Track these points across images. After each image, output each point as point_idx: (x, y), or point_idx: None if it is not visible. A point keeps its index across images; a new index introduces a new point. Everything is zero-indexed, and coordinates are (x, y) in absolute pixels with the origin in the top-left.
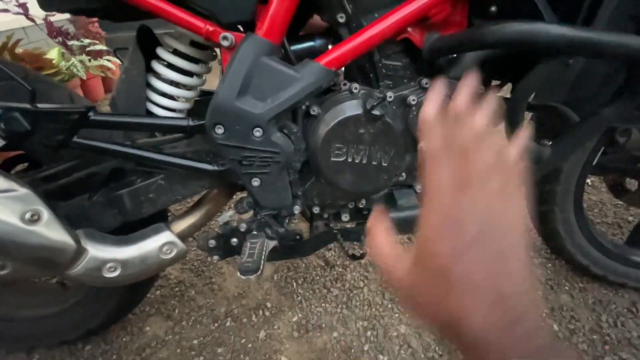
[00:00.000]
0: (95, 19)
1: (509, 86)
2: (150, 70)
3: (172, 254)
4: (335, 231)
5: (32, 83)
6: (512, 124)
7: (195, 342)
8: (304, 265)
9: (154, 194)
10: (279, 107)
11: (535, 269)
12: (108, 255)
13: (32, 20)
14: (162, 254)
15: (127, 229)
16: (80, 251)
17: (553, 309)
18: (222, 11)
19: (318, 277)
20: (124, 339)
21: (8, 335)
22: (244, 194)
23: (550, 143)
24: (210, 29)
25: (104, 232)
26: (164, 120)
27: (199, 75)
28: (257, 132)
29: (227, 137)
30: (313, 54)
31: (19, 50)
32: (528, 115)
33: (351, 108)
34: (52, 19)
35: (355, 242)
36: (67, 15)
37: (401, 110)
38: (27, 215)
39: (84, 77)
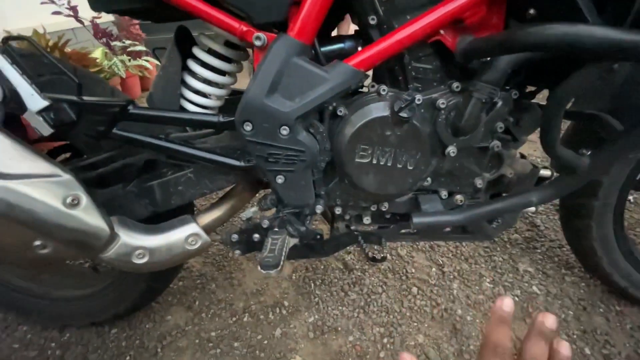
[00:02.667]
0: (137, 22)
1: (545, 92)
2: (185, 68)
3: (197, 245)
4: (356, 233)
5: (79, 78)
6: (549, 132)
7: (213, 334)
8: (322, 266)
9: (183, 186)
10: (306, 107)
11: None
12: (138, 243)
13: (80, 22)
14: (187, 245)
15: (156, 219)
16: (113, 237)
17: (585, 331)
18: (256, 12)
19: (336, 280)
20: (147, 326)
21: (44, 313)
22: (268, 192)
23: (589, 153)
24: (245, 29)
25: (135, 221)
26: (196, 116)
27: (231, 74)
28: (284, 130)
29: (255, 134)
30: (342, 55)
31: (67, 49)
32: (566, 123)
33: (378, 110)
34: (98, 21)
35: (375, 245)
36: (111, 18)
37: (429, 114)
38: (68, 200)
39: (124, 76)
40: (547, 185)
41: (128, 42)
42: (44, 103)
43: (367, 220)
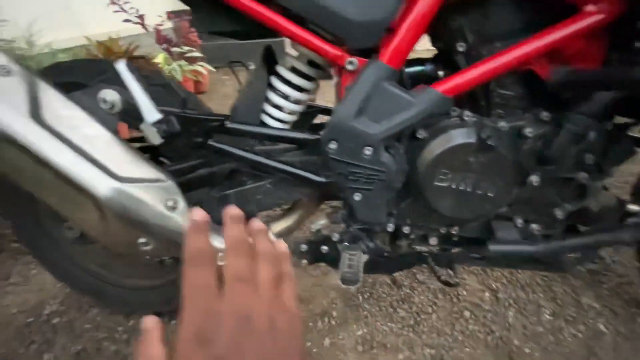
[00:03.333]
0: (194, 30)
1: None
2: (268, 85)
3: None
4: (425, 254)
5: (176, 90)
6: None
7: None
8: (370, 280)
9: (261, 195)
10: (391, 130)
11: None
12: (219, 246)
13: (146, 29)
14: None
15: None
16: None
17: None
18: (352, 38)
19: (385, 295)
20: None
21: (114, 298)
22: (331, 203)
23: None
24: (338, 53)
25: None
26: (285, 133)
27: (309, 91)
28: (367, 151)
29: (339, 152)
30: (421, 78)
31: (135, 55)
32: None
33: (462, 136)
34: (160, 28)
35: (445, 269)
36: (171, 25)
37: (514, 142)
38: (169, 203)
39: (181, 80)
40: None
41: (186, 48)
42: (158, 116)
43: (433, 241)
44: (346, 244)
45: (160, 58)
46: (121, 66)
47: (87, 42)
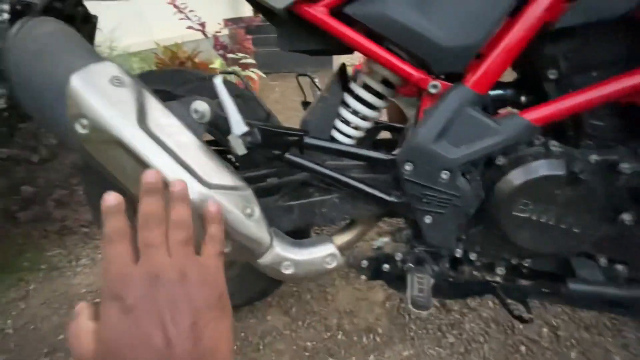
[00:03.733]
0: (250, 37)
1: None
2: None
3: (332, 265)
4: (494, 284)
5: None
6: None
7: (308, 344)
8: None
9: (327, 209)
10: (471, 155)
11: None
12: (288, 255)
13: (206, 35)
14: (325, 264)
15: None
16: (270, 246)
17: None
18: (437, 63)
19: (433, 318)
20: (250, 320)
21: None
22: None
23: None
24: (422, 77)
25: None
26: (362, 151)
27: (379, 109)
28: (444, 175)
29: (414, 174)
30: (500, 103)
31: (196, 60)
32: None
33: (550, 167)
34: (218, 35)
35: (516, 302)
36: (227, 32)
37: (605, 176)
38: (247, 211)
39: None
40: None
41: (240, 54)
42: (245, 128)
43: (500, 271)
44: (410, 265)
45: (217, 64)
46: (218, 81)
47: (155, 47)
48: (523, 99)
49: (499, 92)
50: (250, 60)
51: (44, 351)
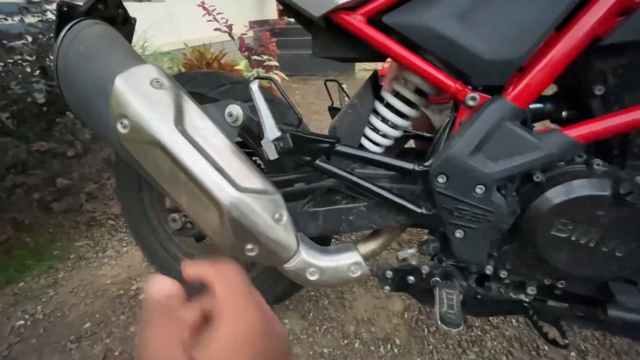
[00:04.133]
0: (274, 39)
1: None
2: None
3: (357, 274)
4: (525, 305)
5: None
6: None
7: (325, 350)
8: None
9: (353, 217)
10: (509, 171)
11: None
12: (313, 261)
13: (232, 37)
14: (349, 272)
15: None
16: (296, 251)
17: None
18: (478, 75)
19: None
20: None
21: None
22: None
23: None
24: (460, 88)
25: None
26: (394, 161)
27: (410, 118)
28: (479, 189)
29: (447, 187)
30: (538, 117)
31: (222, 61)
32: None
33: (593, 187)
34: (243, 36)
35: (549, 325)
36: (252, 34)
37: None
38: (276, 215)
39: None
40: None
41: (265, 56)
42: (278, 133)
43: (531, 290)
44: (438, 279)
45: (242, 65)
46: (255, 86)
47: (183, 47)
48: (564, 113)
49: (538, 105)
50: (274, 63)
51: (70, 338)
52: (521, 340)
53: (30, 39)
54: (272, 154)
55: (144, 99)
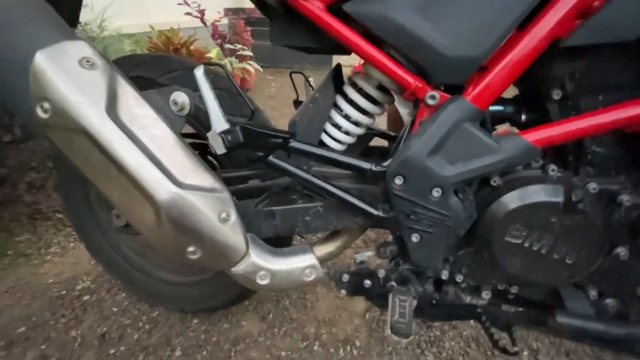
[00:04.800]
0: (249, 28)
1: None
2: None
3: (312, 278)
4: (479, 310)
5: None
6: None
7: (283, 353)
8: None
9: (310, 217)
10: (467, 174)
11: None
12: (264, 264)
13: (204, 24)
14: (304, 275)
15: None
16: (245, 254)
17: None
18: (437, 73)
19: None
20: (224, 325)
21: (143, 288)
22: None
23: None
24: (420, 85)
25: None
26: (351, 160)
27: (373, 116)
28: (436, 193)
29: (404, 189)
30: (499, 119)
31: (191, 47)
32: None
33: (547, 193)
34: (217, 23)
35: (500, 331)
36: (227, 21)
37: (602, 206)
38: (223, 215)
39: None
40: None
41: (239, 46)
42: (226, 126)
43: (486, 294)
44: (393, 284)
45: (213, 53)
46: (199, 72)
47: (150, 30)
48: (523, 117)
49: (498, 107)
50: (248, 53)
51: (0, 344)
52: (478, 341)
53: None
54: (219, 148)
55: (69, 80)
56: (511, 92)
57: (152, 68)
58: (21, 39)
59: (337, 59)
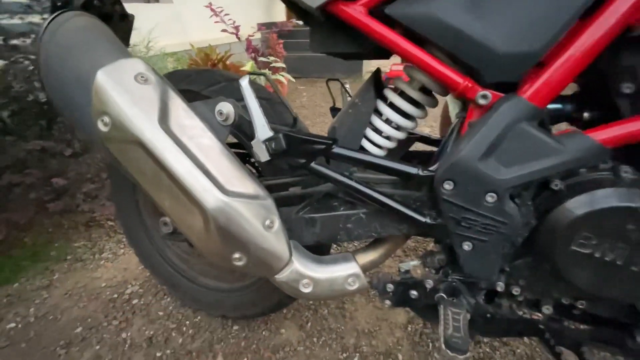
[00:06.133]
0: (282, 41)
1: None
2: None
3: (355, 287)
4: (541, 326)
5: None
6: None
7: None
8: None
9: (351, 224)
10: (524, 178)
11: None
12: (307, 272)
13: (239, 39)
14: (347, 284)
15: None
16: (289, 261)
17: None
18: (490, 71)
19: None
20: (263, 332)
21: (187, 293)
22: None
23: None
24: (469, 85)
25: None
26: (395, 165)
27: (415, 119)
28: (490, 198)
29: (454, 194)
30: (558, 118)
31: (227, 62)
32: None
33: (620, 197)
34: (250, 38)
35: (565, 349)
36: (260, 36)
37: None
38: (267, 222)
39: None
40: None
41: (272, 58)
42: (270, 134)
43: (547, 310)
44: (443, 295)
45: (247, 66)
46: (244, 82)
47: (190, 48)
48: (586, 115)
49: (557, 105)
50: (281, 64)
51: (60, 343)
52: (532, 357)
53: (33, 37)
54: (264, 156)
55: (126, 95)
56: (569, 88)
57: (197, 82)
58: (84, 60)
59: (366, 66)
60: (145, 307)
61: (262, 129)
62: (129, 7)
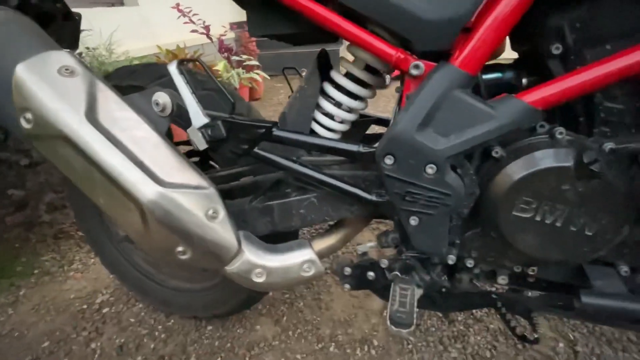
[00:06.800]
0: (254, 39)
1: None
2: (320, 91)
3: (310, 273)
4: (494, 296)
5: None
6: None
7: (298, 356)
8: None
9: (304, 210)
10: (462, 146)
11: None
12: (259, 261)
13: (210, 39)
14: (302, 271)
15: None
16: (239, 252)
17: None
18: (419, 40)
19: (434, 329)
20: (238, 330)
21: (158, 297)
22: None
23: None
24: (401, 56)
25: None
26: (336, 144)
27: (364, 99)
28: (430, 169)
29: (396, 169)
30: (498, 87)
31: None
32: None
33: (555, 158)
34: (223, 38)
35: (519, 317)
36: (233, 35)
37: (623, 168)
38: (210, 212)
39: (237, 87)
40: None
41: (245, 56)
42: (205, 120)
43: (502, 280)
44: (397, 273)
45: (220, 66)
46: (172, 67)
47: (158, 51)
48: (524, 81)
49: (496, 75)
50: (255, 62)
51: (26, 359)
52: (506, 334)
53: None
54: (201, 143)
55: (48, 89)
56: (511, 56)
57: (143, 76)
58: (3, 55)
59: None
60: (116, 315)
61: (197, 116)
62: (92, 12)
